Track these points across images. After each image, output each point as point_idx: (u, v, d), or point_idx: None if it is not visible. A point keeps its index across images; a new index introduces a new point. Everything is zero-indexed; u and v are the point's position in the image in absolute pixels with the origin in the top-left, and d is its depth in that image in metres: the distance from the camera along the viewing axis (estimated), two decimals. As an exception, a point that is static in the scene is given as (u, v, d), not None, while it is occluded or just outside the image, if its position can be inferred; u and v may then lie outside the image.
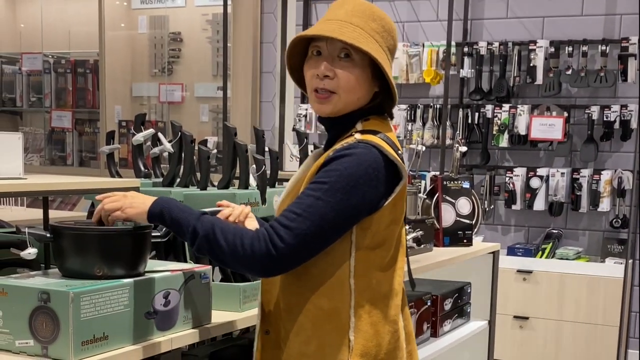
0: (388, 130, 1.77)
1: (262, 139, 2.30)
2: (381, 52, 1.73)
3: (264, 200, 2.16)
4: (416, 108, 6.06)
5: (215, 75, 6.83)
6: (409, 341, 1.85)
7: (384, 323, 1.74)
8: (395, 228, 1.75)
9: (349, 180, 1.64)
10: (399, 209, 1.74)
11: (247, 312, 2.09)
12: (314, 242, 1.64)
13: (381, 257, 1.74)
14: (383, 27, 1.75)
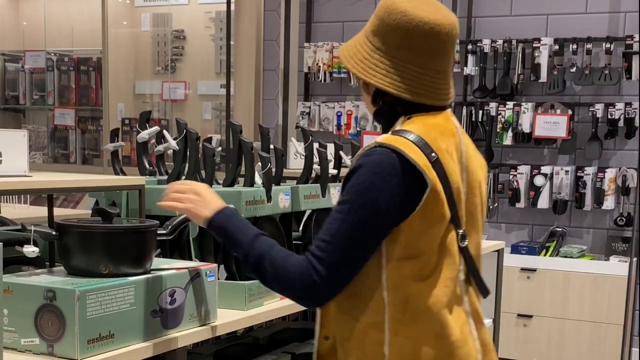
0: (427, 125, 1.69)
1: (267, 137, 2.28)
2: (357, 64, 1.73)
3: (270, 198, 2.15)
4: (420, 106, 6.05)
5: (219, 73, 6.82)
6: (486, 352, 1.76)
7: (426, 338, 1.66)
8: (433, 236, 1.66)
9: (369, 194, 1.59)
10: (434, 215, 1.64)
11: (252, 311, 2.08)
12: (347, 267, 1.63)
13: (418, 267, 1.66)
14: (377, 19, 1.72)
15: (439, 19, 1.68)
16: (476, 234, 1.76)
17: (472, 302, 1.75)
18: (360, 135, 5.93)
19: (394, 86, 1.68)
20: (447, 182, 1.65)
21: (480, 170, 1.80)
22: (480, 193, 1.78)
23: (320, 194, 2.37)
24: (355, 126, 6.23)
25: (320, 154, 2.35)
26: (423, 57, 1.69)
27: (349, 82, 6.31)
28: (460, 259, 1.71)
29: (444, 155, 1.67)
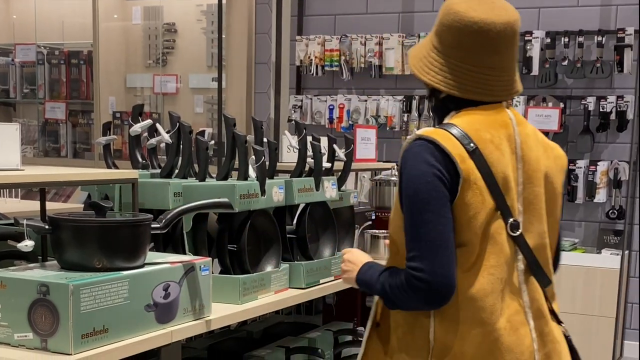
0: (475, 117, 1.77)
1: (260, 130, 2.27)
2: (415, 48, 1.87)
3: (264, 192, 2.14)
4: (412, 99, 6.05)
5: (210, 66, 6.80)
6: (544, 343, 1.81)
7: (470, 325, 1.72)
8: (477, 225, 1.72)
9: (416, 187, 1.71)
10: (474, 204, 1.70)
11: (246, 305, 2.07)
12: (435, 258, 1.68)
13: (463, 257, 1.72)
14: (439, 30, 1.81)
15: (490, 18, 1.76)
16: (539, 223, 1.81)
17: (532, 291, 1.80)
18: (352, 129, 5.92)
19: (444, 84, 1.78)
20: (488, 171, 1.72)
21: (545, 161, 1.83)
22: (545, 183, 1.82)
23: (314, 188, 2.36)
24: (348, 119, 6.22)
25: (313, 147, 2.34)
26: (475, 56, 1.76)
27: (340, 76, 6.30)
28: (514, 248, 1.77)
29: (487, 145, 1.74)
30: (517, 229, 1.76)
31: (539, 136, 1.86)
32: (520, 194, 1.78)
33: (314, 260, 2.34)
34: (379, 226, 3.14)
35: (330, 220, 2.47)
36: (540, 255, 1.82)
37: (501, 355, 1.74)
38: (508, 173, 1.76)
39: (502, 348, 1.74)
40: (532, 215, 1.80)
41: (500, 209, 1.74)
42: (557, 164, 1.88)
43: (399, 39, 6.06)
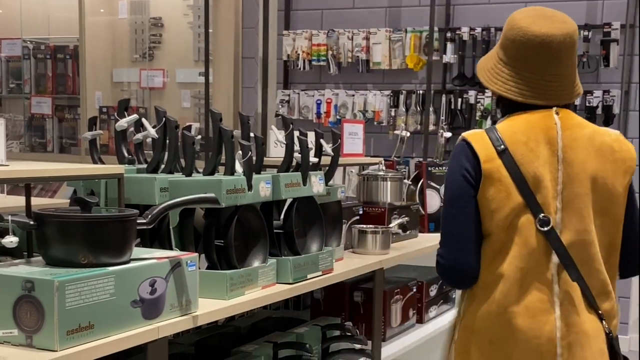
0: (516, 122, 1.99)
1: (247, 125, 2.26)
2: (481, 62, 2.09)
3: (250, 187, 2.13)
4: (399, 94, 6.05)
5: (197, 60, 6.77)
6: (569, 333, 1.94)
7: (488, 306, 1.98)
8: (499, 218, 1.95)
9: (448, 181, 2.02)
10: (496, 199, 1.94)
11: (234, 300, 2.07)
12: (452, 246, 2.00)
13: (489, 246, 1.98)
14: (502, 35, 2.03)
15: (551, 31, 1.94)
16: (579, 221, 1.96)
17: (565, 284, 1.95)
18: (340, 124, 5.92)
19: (511, 92, 1.99)
20: (517, 170, 1.94)
21: (594, 164, 1.97)
22: (592, 184, 1.97)
23: (302, 182, 2.35)
24: (335, 114, 6.22)
25: (301, 142, 2.34)
26: (539, 65, 1.95)
27: (328, 70, 6.30)
28: (545, 242, 1.94)
29: (519, 147, 1.95)
30: (546, 224, 1.93)
31: (595, 141, 1.99)
32: (560, 193, 1.95)
33: (301, 256, 2.33)
34: (367, 221, 3.14)
35: (318, 215, 2.46)
36: (579, 251, 1.96)
37: (513, 335, 1.94)
38: (541, 173, 1.94)
39: (514, 329, 1.94)
40: (571, 213, 1.95)
41: (529, 205, 1.94)
42: (619, 166, 2.00)
43: (386, 34, 6.06)
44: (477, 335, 2.00)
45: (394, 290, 3.14)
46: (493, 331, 1.97)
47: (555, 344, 1.93)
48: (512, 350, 1.96)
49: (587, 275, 1.98)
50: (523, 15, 1.98)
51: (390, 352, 2.98)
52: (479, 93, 5.81)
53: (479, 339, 2.00)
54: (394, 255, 2.96)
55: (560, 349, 1.94)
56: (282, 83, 6.53)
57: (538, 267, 1.95)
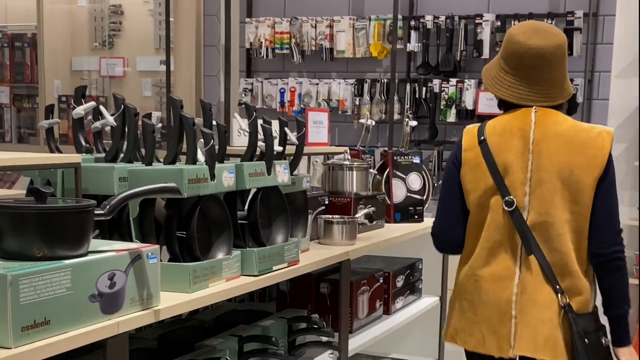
0: (499, 119, 2.38)
1: (209, 112, 2.20)
2: (486, 70, 2.43)
3: (213, 176, 2.06)
4: (363, 82, 6.01)
5: (158, 48, 6.67)
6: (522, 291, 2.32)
7: (466, 270, 2.42)
8: (475, 197, 2.35)
9: (446, 166, 2.49)
10: (472, 181, 2.35)
11: (197, 293, 2.00)
12: (441, 216, 2.48)
13: (470, 221, 2.40)
14: (503, 48, 2.38)
15: (544, 44, 2.27)
16: (542, 205, 2.28)
17: (525, 257, 2.31)
18: (304, 112, 5.85)
19: (512, 97, 2.33)
20: (491, 158, 2.32)
21: (564, 157, 2.27)
22: (559, 175, 2.26)
23: (266, 172, 2.29)
24: (299, 103, 6.16)
25: (264, 130, 2.27)
26: (534, 73, 2.29)
27: (291, 59, 6.23)
28: (509, 219, 2.30)
29: (495, 138, 2.33)
30: (511, 205, 2.30)
31: (567, 136, 2.29)
32: (529, 180, 2.29)
33: (266, 247, 2.27)
34: (333, 211, 3.09)
35: (283, 206, 2.40)
36: (541, 231, 2.29)
37: (479, 295, 2.37)
38: (512, 161, 2.30)
39: (481, 291, 2.37)
40: (537, 197, 2.29)
41: (499, 188, 2.31)
42: (589, 160, 2.26)
43: (350, 22, 6.01)
44: (458, 294, 2.46)
45: (361, 281, 3.09)
46: (468, 291, 2.40)
47: (511, 306, 2.32)
48: (479, 307, 2.37)
49: (548, 252, 2.29)
50: (520, 31, 2.32)
51: (357, 343, 2.94)
52: (443, 82, 5.79)
53: (460, 297, 2.45)
54: (360, 245, 2.92)
55: (514, 311, 2.31)
56: (245, 71, 6.45)
57: (505, 241, 2.33)
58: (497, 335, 2.33)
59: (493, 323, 2.34)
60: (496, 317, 2.33)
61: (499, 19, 5.65)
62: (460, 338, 2.44)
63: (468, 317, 2.40)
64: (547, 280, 2.28)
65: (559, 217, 2.26)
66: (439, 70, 5.84)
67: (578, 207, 2.26)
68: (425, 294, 3.75)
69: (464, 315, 2.42)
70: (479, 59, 5.74)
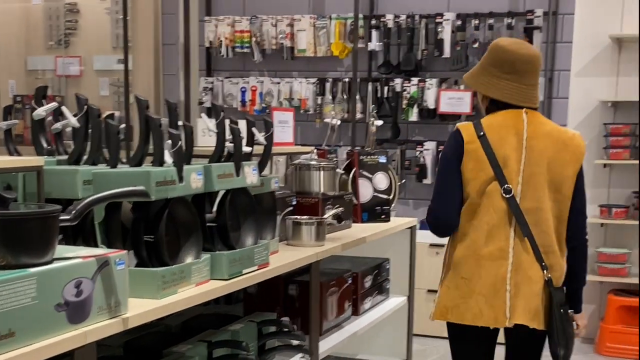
0: (494, 118, 2.67)
1: (175, 113, 2.13)
2: (472, 72, 2.75)
3: (181, 178, 2.00)
4: (325, 82, 5.97)
5: (115, 47, 6.55)
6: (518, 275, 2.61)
7: (463, 250, 2.66)
8: (475, 184, 2.62)
9: (442, 155, 2.74)
10: (475, 170, 2.62)
11: (166, 299, 1.94)
12: (439, 201, 2.70)
13: (467, 206, 2.65)
14: (485, 53, 2.73)
15: (530, 52, 2.66)
16: (534, 192, 2.62)
17: (518, 239, 2.62)
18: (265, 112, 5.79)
19: (505, 97, 2.65)
20: (490, 151, 2.61)
21: (551, 152, 2.63)
22: (543, 165, 2.62)
23: (235, 173, 2.24)
24: (261, 102, 6.10)
25: (233, 130, 2.21)
26: (524, 77, 2.64)
27: (252, 58, 6.17)
28: (507, 206, 2.61)
29: (494, 134, 2.63)
30: (508, 193, 2.61)
31: (553, 136, 2.66)
32: (522, 171, 2.62)
33: (236, 250, 2.22)
34: (300, 212, 3.04)
35: (252, 207, 2.35)
36: (532, 216, 2.62)
37: (478, 272, 2.63)
38: (509, 154, 2.61)
39: (480, 269, 2.63)
40: (529, 186, 2.62)
41: (497, 177, 2.61)
42: (570, 157, 2.65)
43: (311, 20, 5.97)
44: (453, 272, 2.68)
45: (330, 282, 3.05)
46: (465, 269, 2.65)
47: (506, 282, 2.61)
48: (477, 284, 2.62)
49: (537, 234, 2.62)
50: (508, 43, 2.69)
51: (328, 346, 2.90)
52: (404, 81, 5.78)
53: (455, 274, 2.68)
54: (329, 246, 2.87)
55: (509, 286, 2.60)
56: (205, 70, 6.37)
57: (501, 224, 2.62)
58: (493, 308, 2.61)
59: (489, 297, 2.61)
60: (492, 292, 2.61)
61: (459, 18, 5.66)
62: (454, 314, 2.67)
63: (464, 292, 2.64)
64: (537, 258, 2.62)
65: (546, 204, 2.63)
66: (400, 70, 5.83)
67: (560, 196, 2.64)
68: (393, 294, 3.73)
69: (458, 292, 2.66)
70: (440, 58, 5.74)
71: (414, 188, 5.93)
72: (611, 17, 5.47)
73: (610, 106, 5.55)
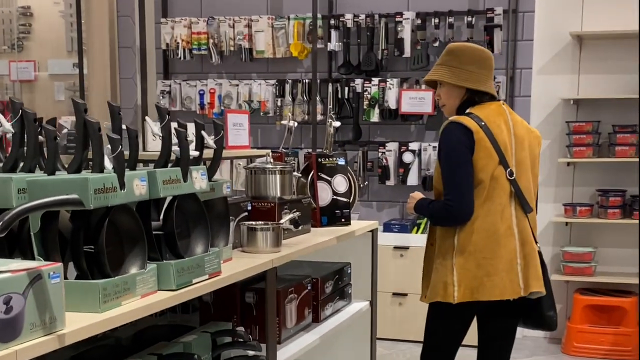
0: (484, 110, 2.96)
1: (118, 116, 2.02)
2: (445, 72, 3.00)
3: (123, 185, 1.89)
4: (285, 83, 5.88)
5: (70, 51, 6.43)
6: (524, 247, 2.95)
7: (482, 232, 2.91)
8: (487, 170, 2.88)
9: (450, 149, 2.91)
10: (484, 157, 2.87)
11: (108, 313, 1.83)
12: (465, 193, 2.88)
13: (479, 192, 2.89)
14: (449, 54, 3.02)
15: (487, 51, 3.05)
16: (525, 174, 2.99)
17: (519, 215, 2.96)
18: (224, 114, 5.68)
19: (489, 88, 3.01)
20: (493, 139, 2.89)
21: (527, 137, 3.03)
22: (527, 149, 3.01)
23: (182, 179, 2.13)
24: (219, 105, 5.98)
25: (178, 134, 2.11)
26: (488, 70, 3.01)
27: (210, 60, 6.05)
28: (510, 187, 2.93)
29: (492, 124, 2.92)
30: (512, 175, 2.93)
31: (523, 123, 3.07)
32: (514, 155, 2.96)
33: (185, 259, 2.11)
34: (256, 217, 2.95)
35: (201, 214, 2.24)
36: (527, 193, 2.98)
37: (498, 250, 2.90)
38: (506, 141, 2.93)
39: (500, 246, 2.91)
40: (522, 169, 2.98)
41: (502, 162, 2.91)
42: (536, 141, 3.10)
43: (269, 21, 5.87)
44: (473, 254, 2.90)
45: (288, 289, 2.95)
46: (486, 249, 2.89)
47: (516, 256, 2.93)
48: (499, 262, 2.90)
49: (529, 210, 2.99)
50: (470, 45, 3.07)
51: (287, 355, 2.80)
52: (365, 81, 5.70)
53: (475, 256, 2.90)
54: (286, 252, 2.78)
55: (519, 259, 2.93)
56: (162, 73, 6.24)
57: (507, 204, 2.93)
58: (511, 281, 2.91)
59: (508, 272, 2.91)
60: (509, 267, 2.91)
61: (419, 16, 5.60)
62: (481, 293, 2.90)
63: (488, 271, 2.89)
64: (532, 232, 3.00)
65: (531, 183, 3.02)
66: (360, 70, 5.75)
67: (533, 175, 3.05)
68: (356, 299, 3.64)
69: (481, 271, 2.90)
70: (400, 58, 5.68)
71: (377, 190, 5.86)
72: (571, 15, 5.45)
73: (573, 104, 5.52)
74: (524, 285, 2.95)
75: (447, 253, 2.95)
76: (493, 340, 3.17)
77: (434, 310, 3.08)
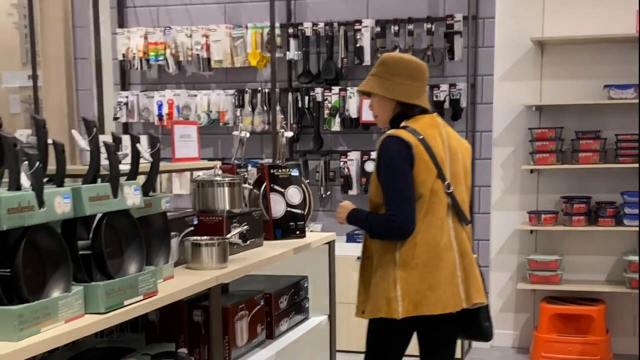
0: (420, 122, 2.93)
1: (42, 130, 1.91)
2: (376, 83, 2.97)
3: (42, 203, 1.77)
4: (244, 93, 5.77)
5: (25, 62, 6.26)
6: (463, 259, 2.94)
7: (423, 246, 2.88)
8: (427, 184, 2.86)
9: (390, 164, 2.86)
10: (424, 171, 2.85)
11: (26, 341, 1.71)
12: (407, 207, 2.84)
13: (421, 205, 2.87)
14: (381, 65, 2.99)
15: (422, 63, 3.01)
16: (460, 186, 2.98)
17: (457, 227, 2.96)
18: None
19: (422, 102, 2.97)
20: (432, 152, 2.87)
21: (460, 149, 3.02)
22: (460, 161, 3.00)
23: (111, 195, 2.02)
24: (178, 116, 5.86)
25: (107, 147, 2.00)
26: (421, 83, 2.97)
27: (167, 69, 5.93)
28: (448, 199, 2.92)
29: (429, 137, 2.89)
30: (449, 188, 2.92)
31: (455, 135, 3.06)
32: (449, 168, 2.94)
33: (114, 279, 1.99)
34: (203, 232, 2.83)
35: (135, 232, 2.13)
36: (463, 205, 2.99)
37: (440, 263, 2.89)
38: (442, 154, 2.91)
39: (441, 259, 2.89)
40: (457, 181, 2.97)
41: (439, 175, 2.89)
42: (467, 152, 3.09)
43: (227, 30, 5.77)
44: (415, 268, 2.87)
45: (238, 306, 2.84)
46: (428, 263, 2.87)
47: (456, 268, 2.92)
48: (441, 274, 2.88)
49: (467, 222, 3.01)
50: (403, 56, 3.02)
51: (236, 375, 2.69)
52: (325, 90, 5.61)
53: (418, 270, 2.87)
54: (233, 268, 2.67)
55: (459, 271, 2.92)
56: (119, 85, 6.10)
57: (445, 216, 2.92)
58: (453, 294, 2.90)
59: (449, 284, 2.89)
60: (450, 279, 2.90)
61: (378, 24, 5.52)
62: (424, 307, 2.87)
63: (430, 284, 2.86)
64: (470, 242, 3.01)
65: (466, 195, 3.03)
66: (320, 79, 5.66)
67: (466, 186, 3.04)
68: (313, 313, 3.54)
69: (424, 284, 2.86)
70: (360, 66, 5.60)
71: (339, 199, 5.76)
72: (532, 20, 5.41)
73: (535, 110, 5.47)
74: (466, 297, 2.93)
75: (389, 267, 2.89)
76: (434, 351, 3.12)
77: (376, 325, 3.01)
